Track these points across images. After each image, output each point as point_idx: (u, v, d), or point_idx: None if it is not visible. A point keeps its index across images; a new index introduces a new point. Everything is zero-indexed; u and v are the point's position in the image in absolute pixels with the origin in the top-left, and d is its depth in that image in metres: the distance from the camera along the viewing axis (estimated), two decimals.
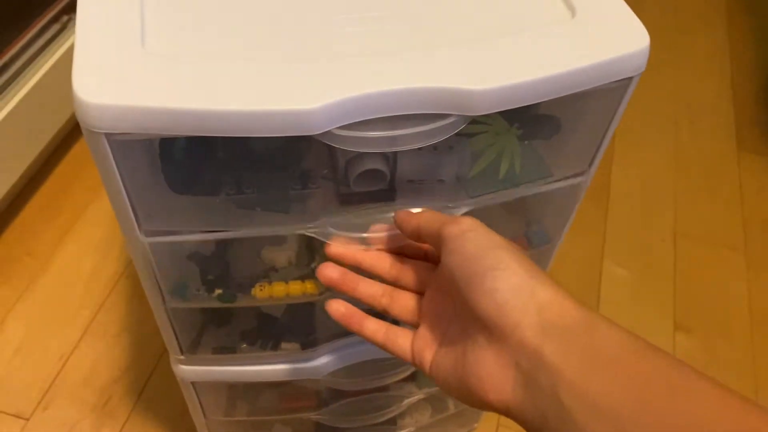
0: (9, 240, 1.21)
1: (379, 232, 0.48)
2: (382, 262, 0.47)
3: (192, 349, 0.64)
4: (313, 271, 0.50)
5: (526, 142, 0.52)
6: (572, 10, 0.49)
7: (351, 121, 0.43)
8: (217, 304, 0.58)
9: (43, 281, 1.17)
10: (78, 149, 1.31)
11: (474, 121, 0.47)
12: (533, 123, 0.53)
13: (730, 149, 1.41)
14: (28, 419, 0.99)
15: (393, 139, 0.44)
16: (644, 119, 1.44)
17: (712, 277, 1.20)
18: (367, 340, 0.45)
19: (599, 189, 1.31)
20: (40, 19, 1.13)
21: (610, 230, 1.24)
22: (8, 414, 0.99)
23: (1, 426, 0.98)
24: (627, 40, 0.47)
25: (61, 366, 1.06)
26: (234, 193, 0.48)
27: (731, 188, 1.35)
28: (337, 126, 0.43)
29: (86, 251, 1.18)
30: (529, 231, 0.53)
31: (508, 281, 0.36)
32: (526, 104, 0.45)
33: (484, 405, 0.36)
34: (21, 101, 1.08)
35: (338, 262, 0.47)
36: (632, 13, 0.49)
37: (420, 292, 0.45)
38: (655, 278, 1.19)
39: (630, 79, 0.48)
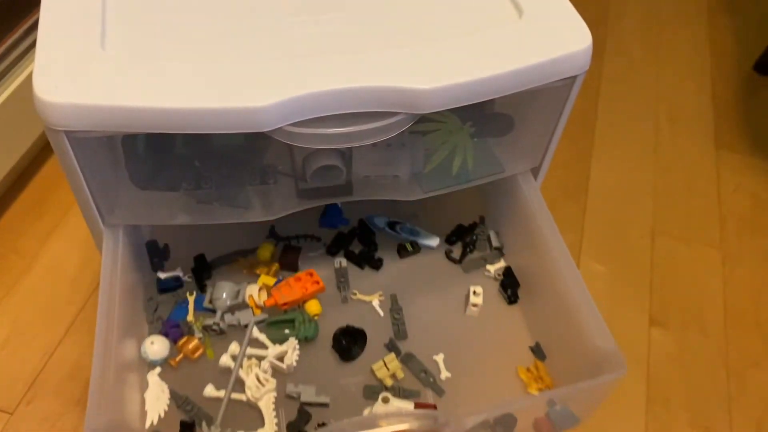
0: None
1: None
2: None
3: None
4: None
5: (476, 139, 0.54)
6: (519, 11, 0.50)
7: (302, 119, 0.45)
8: None
9: (28, 278, 1.18)
10: None
11: (427, 119, 0.49)
12: (486, 121, 0.55)
13: (708, 147, 1.42)
14: (11, 413, 1.00)
15: (344, 136, 0.46)
16: (624, 117, 1.45)
17: (688, 274, 1.22)
18: None
19: (578, 186, 1.32)
20: (31, 16, 1.13)
21: (588, 227, 1.25)
22: None
23: None
24: (571, 39, 0.49)
25: (45, 361, 1.07)
26: (193, 189, 0.50)
27: (709, 186, 1.36)
28: (289, 123, 0.44)
29: (72, 248, 1.19)
30: (552, 410, 0.55)
31: None
32: (472, 102, 0.46)
33: None
34: (6, 100, 1.09)
35: None
36: (577, 14, 0.50)
37: None
38: (632, 274, 1.20)
39: (574, 78, 0.50)
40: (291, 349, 0.54)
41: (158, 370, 0.54)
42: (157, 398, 0.53)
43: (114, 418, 0.46)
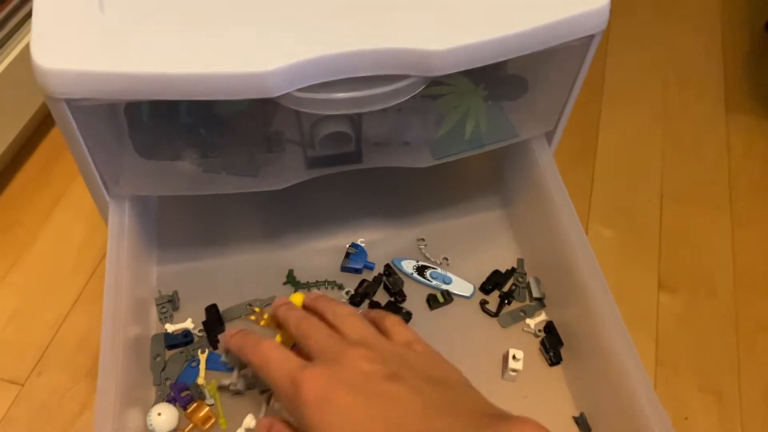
0: None
1: None
2: None
3: None
4: None
5: (489, 102, 0.52)
6: None
7: (310, 83, 0.43)
8: None
9: (34, 250, 1.18)
10: None
11: (438, 82, 0.48)
12: (499, 84, 0.53)
13: (718, 109, 1.40)
14: (23, 385, 1.00)
15: (353, 101, 0.45)
16: (632, 80, 1.43)
17: (697, 238, 1.21)
18: None
19: (585, 151, 1.31)
20: None
21: (596, 191, 1.24)
22: (3, 380, 1.01)
23: None
24: None
25: (54, 332, 1.07)
26: (199, 157, 0.49)
27: (718, 149, 1.34)
28: (296, 88, 0.43)
29: (76, 219, 1.19)
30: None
31: None
32: (486, 64, 0.45)
33: None
34: (6, 69, 1.08)
35: None
36: None
37: None
38: (641, 239, 1.19)
39: (592, 36, 0.48)
40: None
41: None
42: None
43: None
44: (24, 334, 1.06)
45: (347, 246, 0.62)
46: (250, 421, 0.50)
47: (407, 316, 0.57)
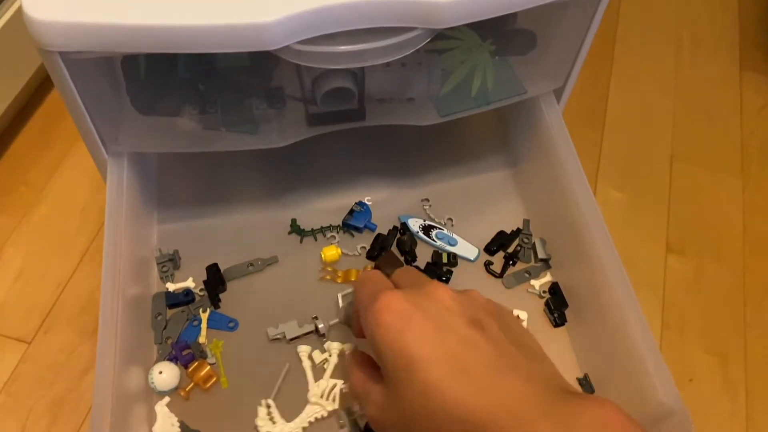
0: (3, 170, 1.21)
1: None
2: None
3: None
4: None
5: (497, 57, 0.51)
6: None
7: (311, 35, 0.42)
8: None
9: (39, 210, 1.18)
10: None
11: (444, 36, 0.46)
12: (507, 38, 0.52)
13: (732, 69, 1.37)
14: (29, 343, 1.01)
15: (356, 54, 0.43)
16: (644, 39, 1.39)
17: (707, 200, 1.19)
18: None
19: (595, 112, 1.28)
20: None
21: (605, 153, 1.22)
22: (10, 338, 1.02)
23: (4, 349, 1.01)
24: None
25: (60, 292, 1.08)
26: (197, 113, 0.48)
27: (731, 109, 1.32)
28: (297, 41, 0.41)
29: (81, 179, 1.18)
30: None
31: None
32: (494, 15, 0.43)
33: None
34: (6, 24, 1.06)
35: None
36: None
37: None
38: (650, 201, 1.18)
39: None
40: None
41: (167, 399, 0.49)
42: None
43: None
44: (30, 293, 1.06)
45: (353, 204, 0.61)
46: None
47: None
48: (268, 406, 0.49)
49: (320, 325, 0.53)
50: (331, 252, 0.57)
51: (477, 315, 0.36)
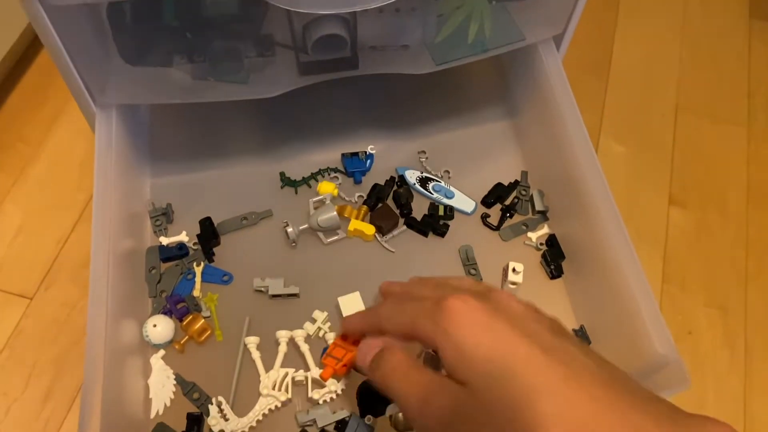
0: None
1: None
2: None
3: None
4: None
5: (494, 2, 0.49)
6: None
7: None
8: None
9: (37, 166, 1.17)
10: None
11: None
12: None
13: (741, 16, 1.33)
14: (31, 299, 1.02)
15: None
16: None
17: (711, 152, 1.18)
18: None
19: (599, 62, 1.26)
20: None
21: (609, 104, 1.20)
22: (13, 294, 1.02)
23: (7, 305, 1.02)
24: None
25: (60, 248, 1.08)
26: (186, 63, 0.46)
27: (739, 59, 1.29)
28: None
29: (77, 135, 1.17)
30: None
31: None
32: None
33: None
34: None
35: None
36: None
37: None
38: (653, 153, 1.17)
39: None
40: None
41: (162, 352, 0.49)
42: (162, 385, 0.48)
43: (115, 406, 0.43)
44: (30, 249, 1.06)
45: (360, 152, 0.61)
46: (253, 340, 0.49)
47: (445, 228, 0.57)
48: (220, 404, 0.48)
49: (289, 230, 0.53)
50: (326, 186, 0.57)
51: (553, 327, 0.33)
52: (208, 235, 0.54)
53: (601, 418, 0.28)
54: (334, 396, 0.48)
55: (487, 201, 0.58)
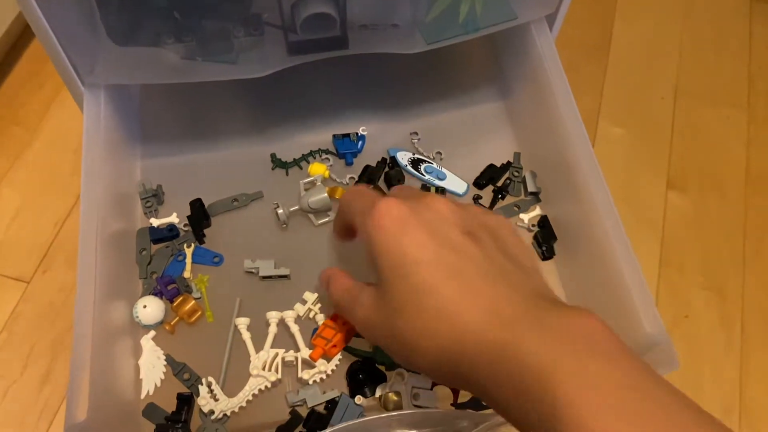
0: None
1: None
2: None
3: None
4: None
5: None
6: None
7: None
8: None
9: (33, 150, 1.17)
10: None
11: None
12: None
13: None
14: (28, 282, 1.02)
15: None
16: None
17: (710, 135, 1.17)
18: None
19: (599, 44, 1.25)
20: None
21: (608, 87, 1.19)
22: (10, 277, 1.03)
23: (4, 288, 1.02)
24: None
25: (57, 231, 1.08)
26: (174, 42, 0.46)
27: (740, 42, 1.28)
28: None
29: (73, 119, 1.17)
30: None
31: None
32: None
33: None
34: None
35: None
36: None
37: None
38: (652, 136, 1.16)
39: None
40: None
41: (152, 333, 0.49)
42: (152, 366, 0.48)
43: (105, 387, 0.43)
44: (27, 232, 1.07)
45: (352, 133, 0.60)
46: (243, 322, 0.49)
47: None
48: (210, 384, 0.48)
49: (279, 211, 0.54)
50: (317, 167, 0.57)
51: (472, 227, 0.37)
52: (199, 216, 0.54)
53: (467, 300, 0.33)
54: (323, 376, 0.48)
55: (480, 182, 0.58)
